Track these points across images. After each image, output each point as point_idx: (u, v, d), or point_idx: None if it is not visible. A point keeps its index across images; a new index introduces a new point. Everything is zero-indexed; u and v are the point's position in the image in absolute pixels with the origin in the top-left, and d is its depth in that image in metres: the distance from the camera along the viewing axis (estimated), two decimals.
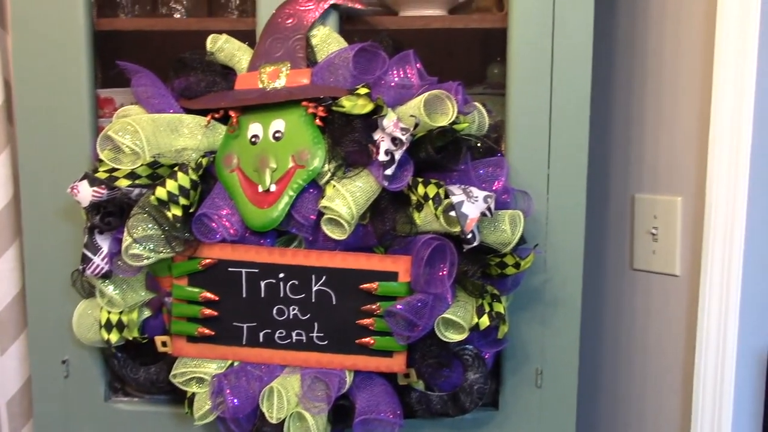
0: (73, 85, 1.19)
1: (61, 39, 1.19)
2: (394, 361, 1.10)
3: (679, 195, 1.31)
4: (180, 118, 1.12)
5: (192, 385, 1.14)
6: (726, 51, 1.18)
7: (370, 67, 1.10)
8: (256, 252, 1.10)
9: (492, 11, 1.28)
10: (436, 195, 1.04)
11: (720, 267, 1.22)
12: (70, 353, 1.24)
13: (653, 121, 1.36)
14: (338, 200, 1.04)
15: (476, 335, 1.11)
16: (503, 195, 1.11)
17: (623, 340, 1.44)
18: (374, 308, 1.09)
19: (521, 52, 1.15)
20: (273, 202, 1.07)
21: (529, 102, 1.16)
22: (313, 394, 1.09)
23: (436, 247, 1.05)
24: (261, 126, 1.11)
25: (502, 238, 1.07)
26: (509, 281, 1.13)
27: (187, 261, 1.11)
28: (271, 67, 1.13)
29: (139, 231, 1.06)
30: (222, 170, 1.11)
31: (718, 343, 1.23)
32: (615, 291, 1.46)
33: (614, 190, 1.45)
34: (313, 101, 1.08)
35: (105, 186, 1.07)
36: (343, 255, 1.09)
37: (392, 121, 1.03)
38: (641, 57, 1.37)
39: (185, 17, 1.31)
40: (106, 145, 1.09)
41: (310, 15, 1.14)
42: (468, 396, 1.13)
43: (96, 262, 1.10)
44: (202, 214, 1.09)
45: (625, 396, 1.44)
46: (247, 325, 1.12)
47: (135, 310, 1.15)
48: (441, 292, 1.06)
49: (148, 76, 1.15)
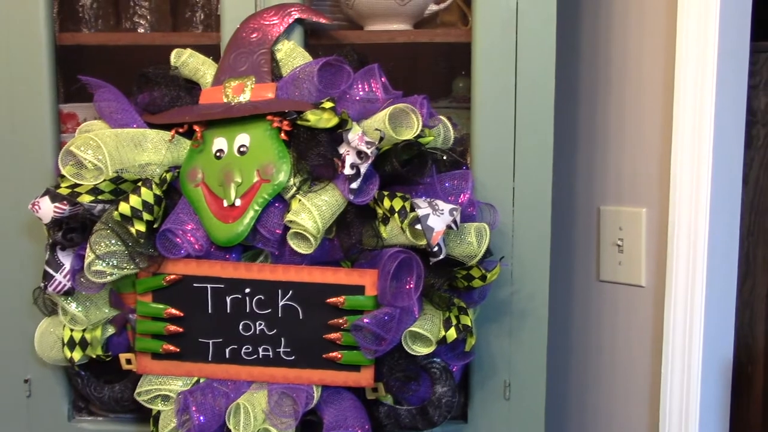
0: (34, 100, 1.18)
1: (23, 53, 1.18)
2: (362, 376, 1.10)
3: (644, 206, 1.32)
4: (144, 132, 1.11)
5: (157, 403, 1.12)
6: (686, 64, 1.20)
7: (335, 81, 1.10)
8: (221, 267, 1.09)
9: (457, 26, 1.29)
10: (401, 208, 1.04)
11: (684, 277, 1.24)
12: (32, 372, 1.22)
13: (616, 134, 1.37)
14: (304, 214, 1.04)
15: (444, 348, 1.11)
16: (469, 208, 1.12)
17: (591, 351, 1.45)
18: (341, 322, 1.08)
19: (486, 66, 1.16)
20: (238, 216, 1.06)
21: (494, 115, 1.17)
22: (280, 410, 1.08)
23: (403, 261, 1.05)
24: (226, 140, 1.10)
25: (469, 250, 1.07)
26: (476, 294, 1.13)
27: (152, 277, 1.10)
28: (236, 81, 1.12)
29: (102, 247, 1.04)
30: (186, 185, 1.10)
31: (684, 351, 1.24)
32: (582, 302, 1.47)
33: (580, 202, 1.46)
34: (278, 115, 1.08)
35: (67, 202, 1.05)
36: (309, 269, 1.09)
37: (357, 135, 1.03)
38: (604, 70, 1.39)
39: (149, 32, 1.30)
40: (68, 161, 1.08)
41: (275, 29, 1.14)
42: (436, 409, 1.13)
43: (58, 279, 1.08)
44: (167, 229, 1.08)
45: (594, 406, 1.45)
46: (212, 341, 1.11)
47: (99, 327, 1.13)
48: (408, 305, 1.06)
49: (111, 90, 1.14)
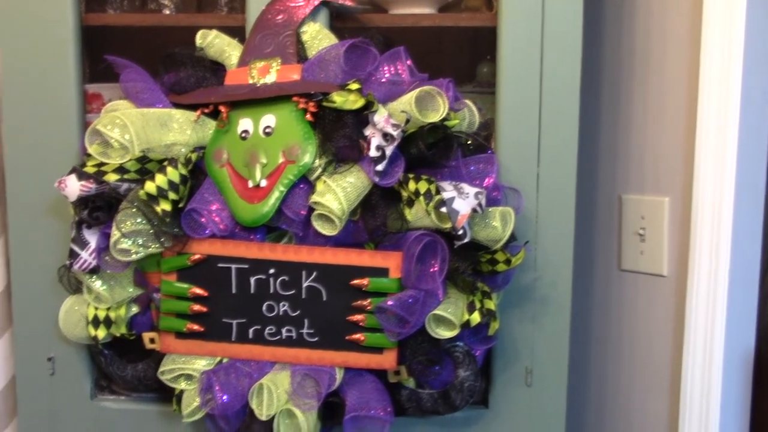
0: (61, 81, 1.18)
1: (49, 34, 1.18)
2: (385, 358, 1.10)
3: (666, 195, 1.31)
4: (169, 112, 1.12)
5: (180, 382, 1.13)
6: (712, 51, 1.19)
7: (361, 64, 1.10)
8: (245, 248, 1.09)
9: (481, 10, 1.28)
10: (427, 191, 1.04)
11: (707, 267, 1.23)
12: (56, 350, 1.22)
13: (640, 122, 1.37)
14: (329, 196, 1.04)
15: (467, 332, 1.11)
16: (494, 192, 1.11)
17: (611, 340, 1.45)
18: (365, 304, 1.08)
19: (511, 51, 1.16)
20: (263, 197, 1.07)
21: (519, 100, 1.16)
22: (303, 391, 1.08)
23: (427, 244, 1.05)
24: (251, 121, 1.10)
25: (493, 234, 1.07)
26: (500, 278, 1.13)
27: (176, 256, 1.10)
28: (262, 62, 1.12)
29: (127, 225, 1.05)
30: (212, 165, 1.11)
31: (706, 342, 1.23)
32: (603, 291, 1.46)
33: (602, 191, 1.45)
34: (304, 97, 1.08)
35: (93, 180, 1.06)
36: (333, 251, 1.09)
37: (383, 117, 1.03)
38: (628, 57, 1.39)
39: (174, 13, 1.30)
40: (95, 140, 1.08)
41: (301, 11, 1.14)
42: (458, 393, 1.13)
43: (83, 257, 1.09)
44: (192, 209, 1.08)
45: (614, 395, 1.45)
46: (236, 322, 1.11)
47: (123, 306, 1.14)
48: (432, 288, 1.06)
49: (137, 70, 1.14)
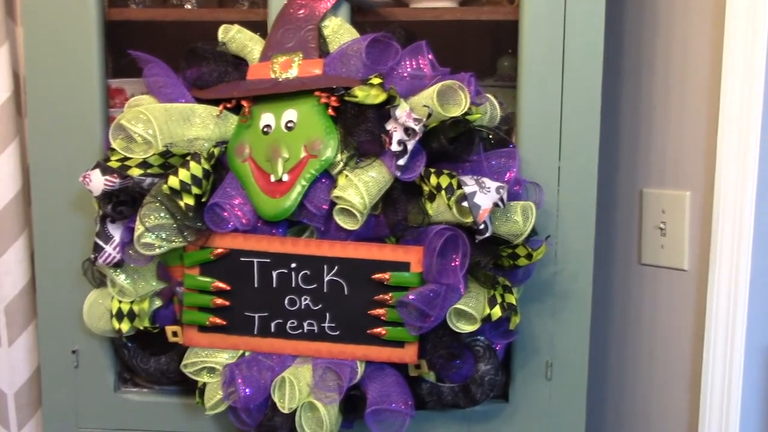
0: (84, 75, 1.19)
1: (72, 29, 1.19)
2: (406, 352, 1.10)
3: (688, 189, 1.31)
4: (192, 107, 1.12)
5: (203, 375, 1.14)
6: (735, 44, 1.18)
7: (382, 58, 1.10)
8: (268, 242, 1.10)
9: (503, 3, 1.28)
10: (448, 185, 1.04)
11: (728, 261, 1.22)
12: (80, 343, 1.24)
13: (661, 115, 1.36)
14: (351, 190, 1.04)
15: (488, 326, 1.11)
16: (515, 186, 1.11)
17: (631, 335, 1.44)
18: (386, 298, 1.09)
19: (532, 45, 1.15)
20: (285, 191, 1.07)
21: (540, 95, 1.16)
22: (324, 384, 1.09)
23: (449, 238, 1.05)
24: (273, 116, 1.11)
25: (514, 229, 1.07)
26: (521, 272, 1.13)
27: (199, 250, 1.11)
28: (284, 57, 1.13)
29: (151, 220, 1.06)
30: (234, 160, 1.11)
31: (726, 337, 1.23)
32: (623, 285, 1.46)
33: (622, 185, 1.45)
34: (326, 91, 1.08)
35: (117, 175, 1.07)
36: (355, 245, 1.09)
37: (405, 112, 1.03)
38: (650, 50, 1.38)
39: (196, 8, 1.31)
40: (119, 134, 1.10)
41: (322, 6, 1.14)
42: (479, 387, 1.13)
43: (108, 251, 1.10)
44: (215, 203, 1.09)
45: (633, 389, 1.44)
46: (258, 315, 1.12)
47: (146, 299, 1.15)
48: (453, 282, 1.06)
49: (159, 65, 1.15)
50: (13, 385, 1.40)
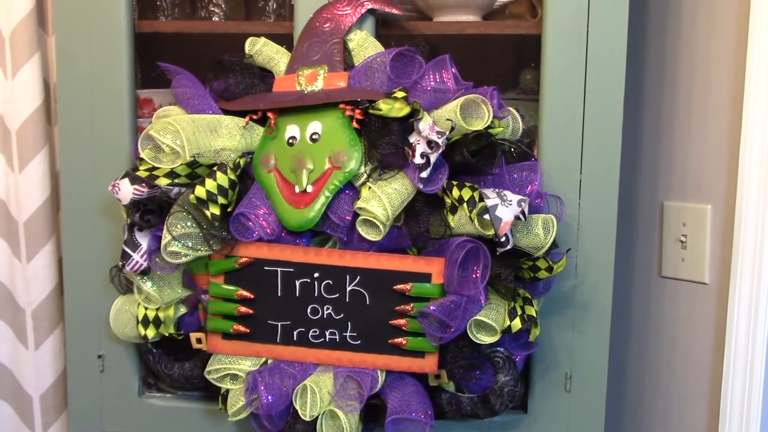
0: (113, 86, 1.22)
1: (103, 40, 1.21)
2: (426, 362, 1.11)
3: (709, 203, 1.31)
4: (219, 119, 1.14)
5: (226, 382, 1.15)
6: (758, 58, 1.18)
7: (406, 71, 1.11)
8: (291, 251, 1.12)
9: (526, 17, 1.29)
10: (470, 198, 1.05)
11: (750, 275, 1.22)
12: (105, 348, 1.26)
13: (683, 129, 1.36)
14: (374, 202, 1.05)
15: (508, 338, 1.12)
16: (536, 199, 1.12)
17: (651, 347, 1.44)
18: (407, 309, 1.10)
19: (555, 59, 1.16)
20: (309, 202, 1.09)
21: (562, 108, 1.17)
22: (345, 393, 1.10)
23: (470, 250, 1.06)
24: (298, 128, 1.12)
25: (535, 241, 1.08)
26: (541, 285, 1.14)
27: (224, 259, 1.13)
28: (309, 70, 1.14)
29: (178, 229, 1.08)
30: (259, 170, 1.13)
31: (747, 351, 1.23)
32: (643, 298, 1.46)
33: (643, 197, 1.45)
34: (351, 104, 1.10)
35: (145, 184, 1.09)
36: (377, 256, 1.10)
37: (428, 125, 1.04)
38: (672, 64, 1.38)
39: (224, 20, 1.33)
40: (147, 144, 1.11)
41: (348, 19, 1.16)
42: (498, 398, 1.14)
43: (135, 258, 1.12)
44: (240, 213, 1.10)
45: (652, 402, 1.44)
46: (281, 324, 1.13)
47: (171, 306, 1.17)
48: (474, 294, 1.07)
49: (187, 77, 1.17)
50: (39, 388, 1.42)
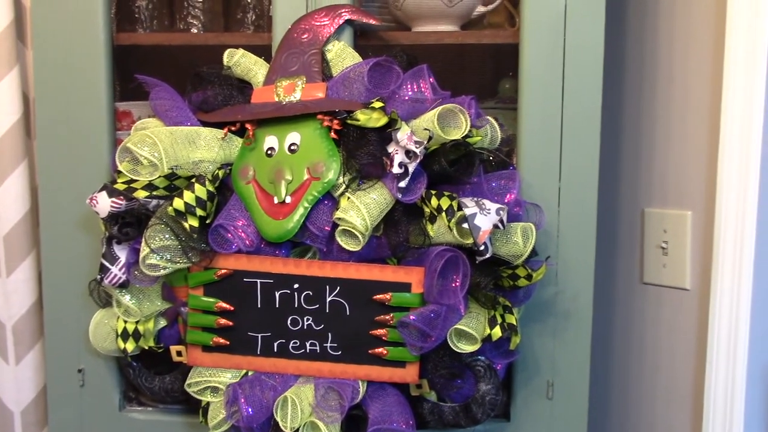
0: (92, 99, 1.21)
1: (81, 53, 1.21)
2: (407, 372, 1.11)
3: (689, 209, 1.31)
4: (197, 130, 1.14)
5: (206, 395, 1.15)
6: (735, 65, 1.19)
7: (384, 82, 1.12)
8: (271, 263, 1.11)
9: (504, 27, 1.29)
10: (449, 207, 1.05)
11: (730, 281, 1.22)
12: (85, 362, 1.25)
13: (663, 136, 1.37)
14: (353, 212, 1.05)
15: (488, 346, 1.12)
16: (515, 207, 1.12)
17: (634, 354, 1.45)
18: (387, 319, 1.10)
19: (533, 68, 1.17)
20: (288, 213, 1.09)
21: (541, 116, 1.17)
22: (326, 404, 1.10)
23: (449, 259, 1.06)
24: (277, 139, 1.12)
25: (515, 250, 1.08)
26: (521, 293, 1.14)
27: (203, 271, 1.12)
28: (287, 81, 1.15)
29: (156, 241, 1.07)
30: (238, 182, 1.13)
31: (728, 356, 1.23)
32: (625, 304, 1.46)
33: (624, 204, 1.46)
34: (329, 114, 1.10)
35: (123, 197, 1.09)
36: (356, 266, 1.10)
37: (406, 135, 1.04)
38: (651, 71, 1.39)
39: (202, 32, 1.33)
40: (125, 157, 1.11)
41: (326, 30, 1.16)
42: (480, 407, 1.13)
43: (114, 271, 1.12)
44: (219, 225, 1.10)
45: (636, 409, 1.44)
46: (261, 335, 1.13)
47: (151, 319, 1.16)
48: (454, 303, 1.07)
49: (166, 89, 1.17)
50: (20, 403, 1.41)
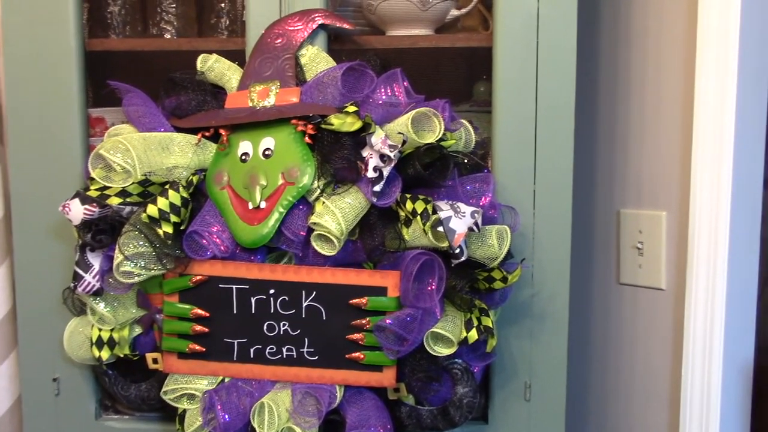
0: (64, 105, 1.20)
1: (53, 59, 1.20)
2: (384, 376, 1.11)
3: (664, 210, 1.33)
4: (171, 136, 1.13)
5: (183, 402, 1.14)
6: (707, 66, 1.20)
7: (358, 86, 1.12)
8: (246, 268, 1.11)
9: (478, 30, 1.30)
10: (424, 211, 1.05)
11: (705, 280, 1.24)
12: (60, 371, 1.24)
13: (636, 137, 1.38)
14: (328, 216, 1.05)
15: (465, 349, 1.12)
16: (490, 210, 1.13)
17: (611, 354, 1.45)
18: (364, 323, 1.10)
19: (506, 70, 1.17)
20: (263, 218, 1.08)
21: (515, 119, 1.18)
22: (303, 410, 1.10)
23: (425, 262, 1.06)
24: (251, 144, 1.12)
25: (490, 252, 1.08)
26: (497, 295, 1.14)
27: (178, 278, 1.12)
28: (261, 86, 1.14)
29: (130, 248, 1.07)
30: (212, 188, 1.12)
31: (704, 354, 1.24)
32: (602, 305, 1.47)
33: (600, 205, 1.47)
34: (303, 119, 1.10)
35: (96, 204, 1.08)
36: (332, 270, 1.10)
37: (380, 139, 1.04)
38: (624, 73, 1.40)
39: (176, 37, 1.33)
40: (98, 164, 1.10)
41: (299, 35, 1.16)
42: (458, 410, 1.14)
43: (87, 279, 1.11)
44: (193, 231, 1.10)
45: (613, 409, 1.45)
46: (237, 341, 1.13)
47: (126, 327, 1.15)
48: (430, 306, 1.07)
49: (139, 95, 1.16)
50: None
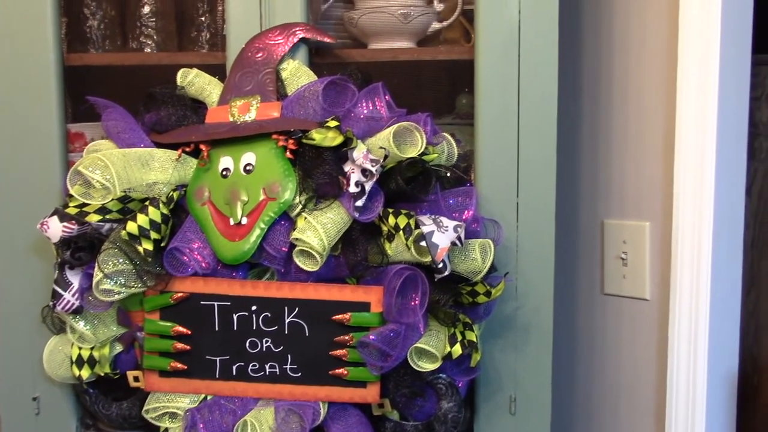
0: (43, 120, 1.19)
1: (32, 74, 1.19)
2: (368, 392, 1.10)
3: (647, 220, 1.33)
4: (151, 152, 1.13)
5: (165, 420, 1.13)
6: (689, 77, 1.21)
7: (339, 100, 1.11)
8: (228, 285, 1.10)
9: (460, 43, 1.30)
10: (406, 225, 1.04)
11: (689, 290, 1.24)
12: (41, 390, 1.23)
13: (619, 148, 1.38)
14: (310, 232, 1.05)
15: (449, 364, 1.11)
16: (473, 224, 1.12)
17: (596, 365, 1.45)
18: (347, 339, 1.09)
19: (488, 83, 1.17)
20: (244, 234, 1.07)
21: (498, 131, 1.18)
22: (287, 427, 1.09)
23: (408, 277, 1.05)
24: (232, 159, 1.11)
25: (473, 266, 1.08)
26: (481, 309, 1.14)
27: (159, 295, 1.11)
28: (242, 100, 1.14)
29: (110, 266, 1.05)
30: (193, 204, 1.12)
31: (689, 363, 1.25)
32: (586, 316, 1.47)
33: (583, 216, 1.47)
34: (284, 134, 1.09)
35: (75, 221, 1.07)
36: (315, 286, 1.09)
37: (362, 153, 1.04)
38: (606, 84, 1.40)
39: (155, 51, 1.32)
40: (77, 180, 1.09)
41: (280, 49, 1.15)
42: (442, 425, 1.13)
43: (67, 297, 1.09)
44: (174, 247, 1.09)
45: (599, 419, 1.45)
46: (220, 359, 1.12)
47: (106, 345, 1.14)
48: (413, 321, 1.06)
49: (118, 110, 1.15)
50: None
